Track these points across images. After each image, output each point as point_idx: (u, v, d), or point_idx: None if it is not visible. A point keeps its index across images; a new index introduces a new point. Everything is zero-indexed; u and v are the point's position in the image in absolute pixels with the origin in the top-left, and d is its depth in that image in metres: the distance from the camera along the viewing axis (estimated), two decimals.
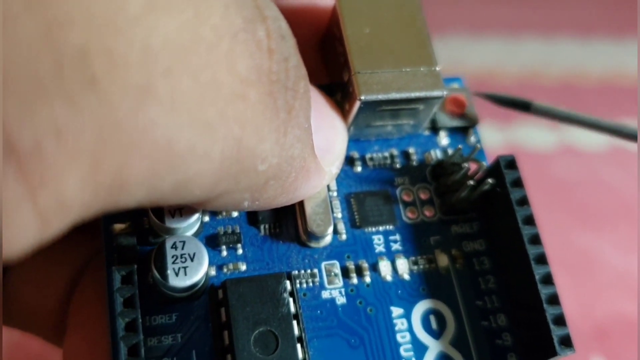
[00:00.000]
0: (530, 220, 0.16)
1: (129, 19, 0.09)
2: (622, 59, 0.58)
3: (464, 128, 0.18)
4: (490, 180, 0.16)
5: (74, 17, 0.09)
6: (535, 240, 0.16)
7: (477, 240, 0.17)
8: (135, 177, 0.10)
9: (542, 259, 0.15)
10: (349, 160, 0.18)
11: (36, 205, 0.09)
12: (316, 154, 0.14)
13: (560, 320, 0.15)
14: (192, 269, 0.14)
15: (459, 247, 0.17)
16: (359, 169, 0.18)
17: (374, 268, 0.16)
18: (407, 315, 0.16)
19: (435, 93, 0.16)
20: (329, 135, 0.15)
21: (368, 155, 0.18)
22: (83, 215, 0.10)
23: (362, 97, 0.15)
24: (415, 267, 0.17)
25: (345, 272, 0.16)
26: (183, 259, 0.15)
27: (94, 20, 0.09)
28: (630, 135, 0.17)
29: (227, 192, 0.12)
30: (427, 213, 0.17)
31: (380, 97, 0.16)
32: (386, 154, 0.18)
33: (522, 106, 0.18)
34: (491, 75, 0.57)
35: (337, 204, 0.17)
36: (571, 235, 0.39)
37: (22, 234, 0.09)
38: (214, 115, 0.11)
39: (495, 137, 0.49)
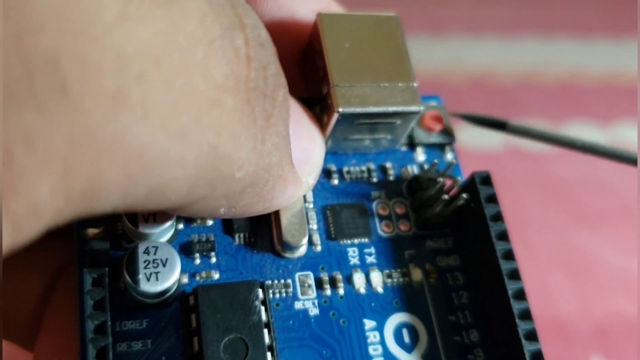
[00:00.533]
0: (504, 236, 0.16)
1: (103, 26, 0.09)
2: (621, 59, 0.57)
3: (441, 145, 0.19)
4: (464, 195, 0.16)
5: (46, 23, 0.09)
6: (509, 255, 0.16)
7: (452, 255, 0.17)
8: (108, 183, 0.10)
9: (515, 275, 0.16)
10: (326, 173, 0.18)
11: (7, 212, 0.09)
12: (294, 163, 0.14)
13: (532, 336, 0.15)
14: (163, 275, 0.14)
15: (433, 262, 0.17)
16: (336, 181, 0.18)
17: (348, 280, 0.16)
18: (380, 328, 0.16)
19: (413, 108, 0.16)
20: (306, 146, 0.16)
21: (345, 169, 0.18)
22: (56, 220, 0.10)
23: (340, 110, 0.16)
24: (389, 281, 0.17)
25: (319, 284, 0.16)
26: (155, 264, 0.14)
27: (67, 27, 0.09)
28: (629, 160, 0.17)
29: (204, 198, 0.12)
30: (403, 227, 0.17)
31: (358, 110, 0.16)
32: (363, 168, 0.18)
33: (498, 125, 0.19)
34: (490, 75, 0.56)
35: (312, 215, 0.17)
36: (570, 234, 0.39)
37: None
38: (189, 122, 0.11)
39: (494, 137, 0.49)
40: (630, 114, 0.51)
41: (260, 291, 0.15)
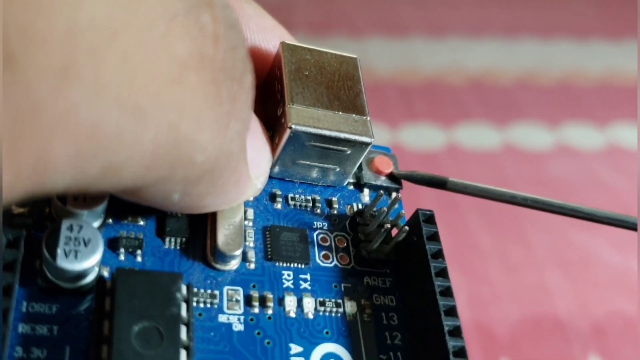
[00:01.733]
0: (443, 274, 0.16)
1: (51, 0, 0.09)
2: (619, 61, 0.57)
3: (388, 189, 0.19)
4: (406, 228, 0.16)
5: None
6: (447, 293, 0.15)
7: (388, 295, 0.17)
8: (59, 159, 0.09)
9: (452, 312, 0.15)
10: (271, 196, 0.18)
11: None
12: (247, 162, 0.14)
13: None
14: (83, 255, 0.14)
15: (369, 298, 0.17)
16: (279, 205, 0.17)
17: (279, 302, 0.16)
18: (306, 355, 0.15)
19: (364, 139, 0.16)
20: (259, 149, 0.15)
21: (290, 195, 0.18)
22: (8, 198, 0.09)
23: (293, 126, 0.16)
24: (322, 309, 0.16)
25: (248, 300, 0.15)
26: (77, 242, 0.14)
27: None
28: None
29: (161, 181, 0.12)
30: (342, 260, 0.17)
31: (311, 130, 0.16)
32: (309, 197, 0.18)
33: (439, 184, 0.18)
34: (490, 76, 0.56)
35: (251, 233, 0.17)
36: (568, 234, 0.39)
37: None
38: (146, 100, 0.10)
39: (493, 137, 0.49)
40: (627, 115, 0.51)
41: (184, 287, 0.14)
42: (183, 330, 0.13)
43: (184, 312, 0.14)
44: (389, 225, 0.16)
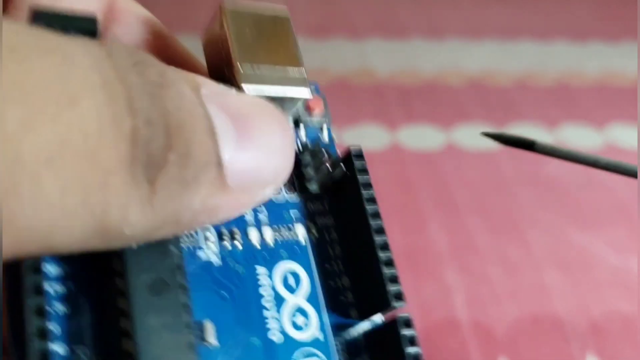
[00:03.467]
0: (373, 201, 0.19)
1: (4, 136, 0.11)
2: (617, 62, 0.58)
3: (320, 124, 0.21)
4: (342, 164, 0.19)
5: None
6: (376, 215, 0.18)
7: (328, 216, 0.20)
8: (4, 244, 0.12)
9: (380, 230, 0.18)
10: None
11: None
12: (227, 183, 0.14)
13: (394, 279, 0.17)
14: None
15: (313, 220, 0.19)
16: None
17: (245, 234, 0.18)
18: (270, 274, 0.18)
19: (303, 93, 0.18)
20: (259, 157, 0.15)
21: None
22: None
23: (243, 85, 0.17)
24: (278, 234, 0.19)
25: (220, 236, 0.18)
26: None
27: None
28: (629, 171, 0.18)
29: (100, 249, 0.14)
30: (289, 192, 0.20)
31: (260, 87, 0.17)
32: None
33: (526, 145, 0.20)
34: (488, 77, 0.56)
35: None
36: (567, 234, 0.39)
37: None
38: (76, 204, 0.12)
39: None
40: (625, 116, 0.52)
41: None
42: (180, 274, 0.15)
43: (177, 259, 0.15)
44: (327, 163, 0.19)
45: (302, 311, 0.18)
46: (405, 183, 0.42)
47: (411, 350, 0.16)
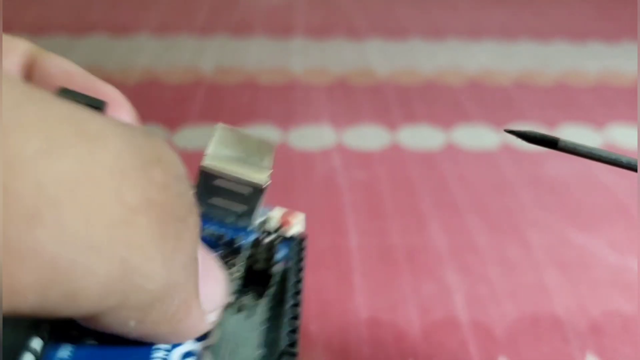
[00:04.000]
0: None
1: (24, 160, 0.11)
2: (617, 62, 0.58)
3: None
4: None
5: None
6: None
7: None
8: (24, 286, 0.12)
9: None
10: None
11: None
12: (199, 297, 0.16)
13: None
14: None
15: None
16: None
17: None
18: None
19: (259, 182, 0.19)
20: (212, 286, 0.17)
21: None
22: None
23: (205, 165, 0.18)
24: None
25: None
26: None
27: None
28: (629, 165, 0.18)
29: (117, 308, 0.14)
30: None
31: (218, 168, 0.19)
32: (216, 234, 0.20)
33: (550, 144, 0.20)
34: (488, 77, 0.56)
35: None
36: (566, 234, 0.39)
37: None
38: (99, 239, 0.12)
39: (491, 137, 0.49)
40: (625, 116, 0.52)
41: None
42: None
43: None
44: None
45: None
46: (405, 183, 0.42)
47: None
